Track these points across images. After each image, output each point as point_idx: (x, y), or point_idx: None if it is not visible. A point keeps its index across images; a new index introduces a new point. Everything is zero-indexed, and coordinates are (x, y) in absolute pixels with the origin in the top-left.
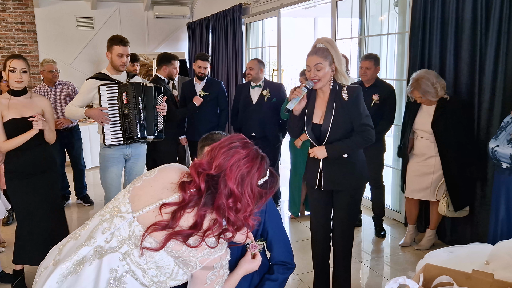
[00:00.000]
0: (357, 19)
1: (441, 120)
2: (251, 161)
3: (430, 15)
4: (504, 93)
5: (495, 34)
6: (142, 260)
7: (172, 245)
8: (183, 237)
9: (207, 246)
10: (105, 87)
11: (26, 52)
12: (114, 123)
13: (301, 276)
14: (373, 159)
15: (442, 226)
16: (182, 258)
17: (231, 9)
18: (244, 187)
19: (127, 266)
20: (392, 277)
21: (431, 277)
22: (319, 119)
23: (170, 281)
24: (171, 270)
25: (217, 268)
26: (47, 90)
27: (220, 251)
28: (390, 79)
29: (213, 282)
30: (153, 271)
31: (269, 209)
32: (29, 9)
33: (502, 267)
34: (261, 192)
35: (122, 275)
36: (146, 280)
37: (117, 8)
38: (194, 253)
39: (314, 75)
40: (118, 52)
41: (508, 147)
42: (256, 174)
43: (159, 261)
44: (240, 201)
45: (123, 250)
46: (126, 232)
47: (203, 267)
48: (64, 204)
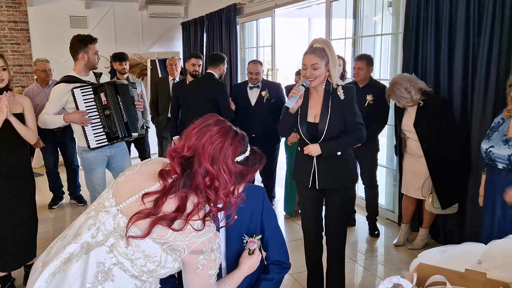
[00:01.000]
0: (351, 19)
1: (423, 120)
2: (223, 137)
3: (423, 16)
4: (496, 94)
5: (488, 35)
6: (129, 251)
7: (158, 231)
8: (168, 221)
9: (193, 229)
10: (79, 89)
11: (19, 51)
12: (96, 125)
13: (296, 275)
14: (367, 159)
15: (435, 226)
16: (168, 243)
17: (225, 9)
18: (219, 164)
19: (115, 258)
20: (386, 276)
21: (424, 277)
22: (314, 118)
23: (160, 269)
24: (159, 257)
25: (207, 251)
26: (39, 90)
27: (207, 233)
28: (383, 79)
29: (205, 267)
30: (141, 261)
31: (265, 208)
32: (22, 8)
33: (495, 266)
34: (242, 169)
35: (110, 267)
36: (136, 271)
37: (111, 8)
38: (180, 237)
39: (310, 74)
40: (95, 51)
41: (505, 148)
42: (230, 149)
43: (146, 249)
44: (217, 178)
45: (109, 243)
46: (111, 225)
47: (192, 251)
48: (57, 204)
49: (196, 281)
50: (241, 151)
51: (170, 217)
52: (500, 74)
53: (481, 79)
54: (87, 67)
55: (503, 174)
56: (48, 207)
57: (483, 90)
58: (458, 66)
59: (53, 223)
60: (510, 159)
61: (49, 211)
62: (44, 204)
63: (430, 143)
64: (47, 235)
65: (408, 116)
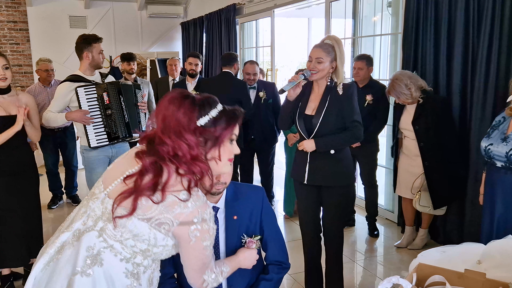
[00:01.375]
0: (351, 19)
1: (421, 118)
2: (171, 103)
3: (423, 16)
4: (496, 94)
5: (487, 35)
6: (117, 232)
7: (142, 208)
8: (148, 191)
9: (179, 200)
10: (83, 88)
11: (19, 51)
12: (97, 125)
13: (295, 275)
14: (367, 159)
15: (434, 226)
16: (155, 218)
17: (225, 9)
18: (171, 132)
19: (104, 242)
20: (386, 276)
21: (424, 277)
22: (312, 112)
23: (153, 248)
24: (147, 235)
25: (198, 221)
26: (41, 89)
27: (195, 203)
28: (383, 79)
29: (198, 239)
30: (131, 241)
31: (264, 208)
32: (21, 8)
33: (494, 266)
34: (208, 132)
35: (100, 251)
36: (127, 252)
37: (111, 7)
38: (166, 210)
39: (314, 67)
40: (99, 50)
41: (503, 145)
42: (180, 113)
43: (133, 229)
44: (177, 147)
45: (98, 227)
46: (100, 210)
47: (181, 222)
48: (57, 204)
49: (192, 254)
50: (199, 113)
51: (148, 186)
52: (500, 74)
53: (481, 79)
54: (91, 66)
55: (502, 173)
56: (48, 207)
57: (483, 90)
58: (457, 66)
59: (52, 223)
60: (508, 156)
61: (48, 211)
62: (43, 204)
63: (427, 141)
64: (46, 235)
65: (406, 114)
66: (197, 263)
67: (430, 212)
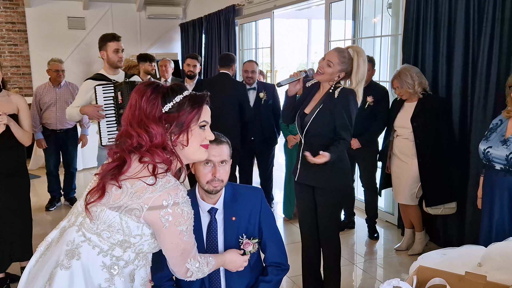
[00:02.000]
0: (351, 21)
1: (421, 115)
2: (136, 92)
3: (423, 17)
4: (497, 96)
5: (488, 37)
6: (93, 225)
7: (112, 196)
8: (110, 175)
9: (147, 184)
10: (101, 87)
11: (17, 52)
12: (111, 123)
13: (295, 278)
14: (367, 161)
15: (435, 228)
16: (124, 205)
17: (224, 10)
18: (135, 121)
19: (83, 236)
20: (386, 279)
21: (424, 279)
22: (308, 110)
23: (130, 238)
24: (120, 225)
25: (169, 205)
26: (50, 89)
27: (164, 186)
28: (383, 81)
29: (172, 223)
30: (106, 233)
31: (263, 210)
32: (20, 9)
33: (495, 269)
34: (172, 117)
35: (78, 245)
36: (105, 244)
37: (109, 8)
38: (135, 196)
39: (321, 67)
40: (113, 48)
41: (503, 148)
42: (143, 101)
43: (106, 220)
44: (141, 136)
45: (78, 222)
46: (82, 207)
47: (150, 207)
48: (54, 206)
49: (168, 240)
50: (163, 100)
51: (107, 170)
52: (501, 76)
53: (482, 81)
54: (109, 65)
55: (501, 175)
56: (45, 209)
57: (484, 92)
58: (458, 67)
59: (50, 224)
60: (508, 159)
61: (46, 213)
62: (41, 206)
63: (424, 139)
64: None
65: (404, 112)
66: (176, 249)
67: (443, 212)
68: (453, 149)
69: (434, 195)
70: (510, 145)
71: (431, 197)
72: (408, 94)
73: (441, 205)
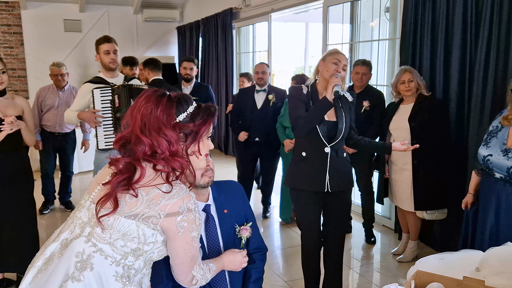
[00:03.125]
0: (348, 24)
1: (419, 115)
2: (148, 102)
3: (420, 21)
4: (494, 100)
5: (485, 40)
6: (105, 235)
7: (127, 205)
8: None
9: (163, 192)
10: (99, 90)
11: (12, 54)
12: (108, 127)
13: (291, 283)
14: (363, 165)
15: (431, 233)
16: (141, 213)
17: (221, 13)
18: (151, 130)
19: (93, 246)
20: (383, 284)
21: (422, 284)
22: (329, 117)
23: (144, 246)
24: (136, 233)
25: (184, 211)
26: (53, 91)
27: (179, 193)
28: (380, 85)
29: (186, 229)
30: (121, 241)
31: (245, 201)
32: (15, 11)
33: (493, 273)
34: (188, 127)
35: (90, 255)
36: (118, 254)
37: (106, 11)
38: (151, 203)
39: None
40: (104, 50)
41: (504, 159)
42: (160, 110)
43: (121, 228)
44: (156, 145)
45: (86, 232)
46: (87, 217)
47: (167, 214)
48: (48, 209)
49: (181, 247)
50: (177, 110)
51: (119, 181)
52: (498, 80)
53: (479, 84)
54: (104, 68)
55: (500, 184)
56: (39, 212)
57: (481, 96)
58: (455, 71)
59: (46, 228)
60: (509, 172)
61: (40, 217)
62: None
63: (421, 140)
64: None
65: (401, 113)
66: (186, 255)
67: (436, 218)
68: (449, 153)
69: (428, 199)
70: None
71: (423, 201)
72: (412, 91)
73: (435, 210)
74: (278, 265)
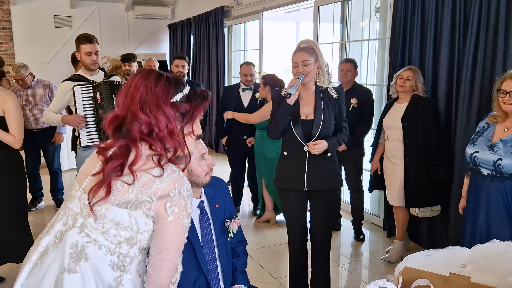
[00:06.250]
0: (339, 24)
1: (412, 115)
2: (146, 80)
3: (410, 21)
4: (481, 100)
5: (473, 41)
6: (98, 225)
7: (119, 193)
8: (116, 172)
9: (154, 176)
10: (80, 87)
11: (1, 50)
12: (90, 124)
13: (281, 280)
14: (352, 163)
15: (419, 231)
16: (133, 200)
17: (213, 11)
18: (150, 107)
19: (87, 236)
20: (371, 280)
21: (409, 280)
22: (306, 117)
23: (138, 235)
24: (129, 222)
25: (175, 196)
26: (22, 91)
27: (170, 176)
28: (370, 84)
29: (176, 215)
30: (114, 231)
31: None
32: (5, 6)
33: (479, 270)
34: (184, 107)
35: (83, 246)
36: (111, 243)
37: (97, 8)
38: (143, 189)
39: (302, 70)
40: (85, 51)
41: (490, 153)
42: (158, 89)
43: (114, 218)
44: (154, 123)
45: (78, 223)
46: (78, 207)
47: (159, 197)
48: (36, 206)
49: (170, 233)
50: (175, 90)
51: (114, 167)
52: (485, 80)
53: (466, 84)
54: (84, 67)
55: (488, 180)
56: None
57: (468, 96)
58: (443, 71)
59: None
60: (495, 165)
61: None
62: None
63: (413, 139)
64: None
65: (393, 112)
66: (175, 242)
67: (430, 215)
68: (440, 153)
69: (419, 196)
70: (497, 150)
71: (415, 198)
72: (406, 90)
73: (428, 208)
74: (268, 262)
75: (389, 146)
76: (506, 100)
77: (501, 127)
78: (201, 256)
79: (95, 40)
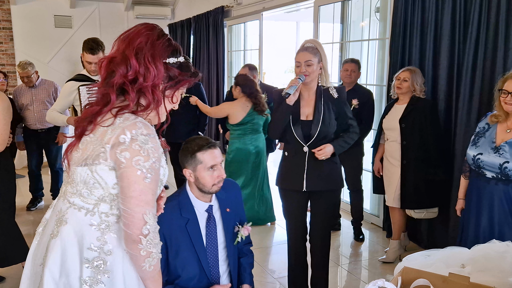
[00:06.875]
0: (339, 24)
1: (410, 116)
2: (151, 30)
3: (410, 21)
4: (481, 100)
5: (473, 41)
6: (73, 189)
7: (80, 152)
8: (86, 121)
9: (104, 127)
10: (85, 87)
11: (2, 50)
12: None
13: (280, 279)
14: (352, 163)
15: (418, 231)
16: (90, 155)
17: (213, 11)
18: (144, 55)
19: (67, 202)
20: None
21: (409, 280)
22: (306, 117)
23: (110, 190)
24: (93, 178)
25: (126, 141)
26: (26, 90)
27: (124, 123)
28: (370, 84)
29: (129, 161)
30: (85, 191)
31: (241, 200)
32: (5, 6)
33: (478, 270)
34: (173, 72)
35: (64, 212)
36: (88, 204)
37: (97, 7)
38: (97, 141)
39: (305, 70)
40: (86, 59)
41: (495, 156)
42: (160, 43)
43: (80, 178)
44: (142, 72)
45: (62, 192)
46: (66, 179)
47: (112, 145)
48: (36, 206)
49: (125, 176)
50: (171, 52)
51: (87, 116)
52: (485, 80)
53: (466, 85)
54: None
55: (492, 183)
56: (26, 209)
57: (468, 96)
58: (443, 71)
59: (33, 224)
60: (501, 168)
61: (27, 213)
62: (24, 206)
63: (410, 140)
64: (28, 237)
65: (392, 113)
66: (135, 188)
67: (425, 216)
68: (439, 154)
69: (415, 198)
70: (503, 153)
71: (410, 200)
72: (403, 91)
73: (424, 209)
74: (268, 262)
75: (388, 147)
76: (507, 100)
77: (502, 128)
78: (204, 259)
79: (100, 49)
